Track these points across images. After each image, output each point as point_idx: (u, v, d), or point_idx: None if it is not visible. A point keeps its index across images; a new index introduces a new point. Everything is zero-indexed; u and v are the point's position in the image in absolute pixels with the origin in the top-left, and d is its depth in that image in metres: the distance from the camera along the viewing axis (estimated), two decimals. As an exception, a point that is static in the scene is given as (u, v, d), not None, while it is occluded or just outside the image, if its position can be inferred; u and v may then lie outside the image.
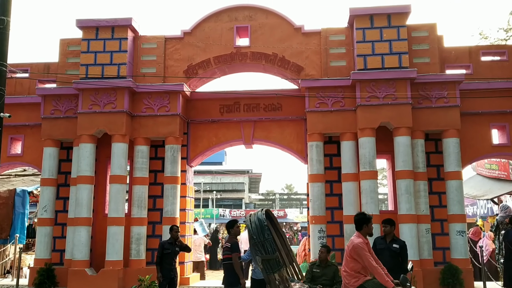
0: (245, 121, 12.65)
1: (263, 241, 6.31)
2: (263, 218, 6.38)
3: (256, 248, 6.31)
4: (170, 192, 11.84)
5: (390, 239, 7.38)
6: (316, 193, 11.46)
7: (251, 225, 6.42)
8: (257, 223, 6.43)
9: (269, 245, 6.29)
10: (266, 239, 6.32)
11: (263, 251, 6.27)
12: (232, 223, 7.85)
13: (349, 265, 5.88)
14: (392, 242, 7.33)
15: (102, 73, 11.97)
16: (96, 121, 11.75)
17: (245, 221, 7.19)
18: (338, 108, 11.64)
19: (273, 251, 6.28)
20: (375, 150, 11.18)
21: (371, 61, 11.41)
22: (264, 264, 6.23)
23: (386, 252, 7.24)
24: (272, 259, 6.24)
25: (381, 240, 7.54)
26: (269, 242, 6.32)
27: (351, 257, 5.87)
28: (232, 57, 12.35)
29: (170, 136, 11.98)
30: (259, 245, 6.27)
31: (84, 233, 11.41)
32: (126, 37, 12.11)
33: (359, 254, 5.78)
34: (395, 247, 7.25)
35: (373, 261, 5.78)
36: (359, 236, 5.98)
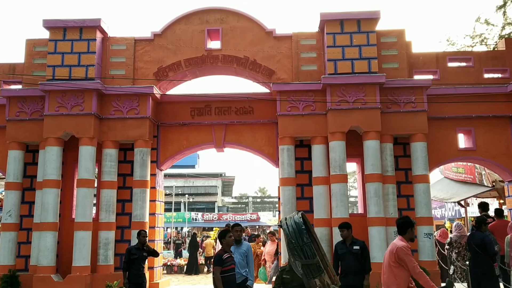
0: (217, 125, 12.60)
1: (302, 245, 6.09)
2: (300, 221, 6.20)
3: (295, 252, 6.11)
4: (139, 196, 11.69)
5: (349, 242, 7.49)
6: (287, 196, 11.49)
7: (288, 228, 6.23)
8: (294, 226, 6.23)
9: (309, 249, 6.08)
10: (305, 243, 6.11)
11: (303, 255, 6.06)
12: (224, 233, 7.17)
13: (394, 271, 5.43)
14: (352, 245, 7.44)
15: (69, 75, 11.74)
16: (63, 123, 11.51)
17: (280, 225, 6.98)
18: (309, 112, 11.72)
19: (313, 256, 6.07)
20: (345, 154, 11.30)
21: (341, 66, 11.54)
22: (304, 269, 6.02)
23: (348, 256, 7.35)
24: (312, 264, 6.03)
25: (341, 244, 7.59)
26: (308, 246, 6.11)
27: (395, 262, 5.45)
28: (203, 59, 12.29)
29: (140, 139, 11.83)
30: (298, 249, 6.07)
31: (50, 238, 11.14)
32: (94, 38, 11.92)
33: (403, 258, 5.40)
34: (356, 249, 7.38)
35: (418, 266, 5.43)
36: (402, 240, 5.62)
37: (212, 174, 50.05)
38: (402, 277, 5.41)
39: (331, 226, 11.19)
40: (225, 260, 6.79)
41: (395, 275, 5.44)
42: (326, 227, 11.20)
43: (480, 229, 8.62)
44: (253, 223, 38.94)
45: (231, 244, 7.13)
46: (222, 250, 6.92)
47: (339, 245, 7.63)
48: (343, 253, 7.42)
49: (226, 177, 52.92)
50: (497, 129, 12.13)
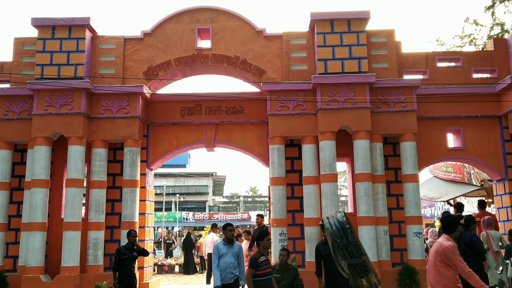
0: (207, 124, 12.57)
1: (347, 244, 5.94)
2: (344, 220, 6.04)
3: (341, 252, 5.95)
4: (129, 196, 11.62)
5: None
6: (278, 196, 11.50)
7: (331, 227, 6.09)
8: (338, 225, 6.07)
9: (354, 248, 5.92)
10: (350, 242, 5.95)
11: (348, 255, 5.90)
12: (262, 235, 6.94)
13: (441, 271, 5.21)
14: None
15: (58, 74, 11.64)
16: (51, 123, 11.41)
17: (322, 224, 6.82)
18: (299, 112, 11.73)
19: (359, 255, 5.90)
20: (335, 153, 11.32)
21: (331, 66, 11.56)
22: (351, 269, 5.88)
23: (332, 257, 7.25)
24: (359, 263, 5.87)
25: (323, 245, 7.43)
26: (354, 246, 5.94)
27: (441, 261, 5.24)
28: (193, 59, 12.25)
29: (129, 139, 11.76)
30: (343, 248, 5.91)
31: (38, 239, 11.05)
32: (83, 37, 11.82)
33: (450, 258, 5.18)
34: None
35: (466, 266, 5.16)
36: (449, 239, 5.38)
37: (203, 173, 49.87)
38: (449, 277, 5.23)
39: (319, 225, 11.19)
40: (261, 263, 6.68)
41: (441, 275, 5.26)
42: (316, 226, 11.19)
43: (468, 228, 8.69)
44: (244, 223, 38.85)
45: (268, 248, 7.00)
46: (258, 253, 6.82)
47: (321, 246, 7.48)
48: (327, 254, 7.21)
49: (217, 177, 52.76)
50: (486, 128, 12.24)
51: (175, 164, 43.15)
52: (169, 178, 45.47)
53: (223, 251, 7.36)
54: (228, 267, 7.23)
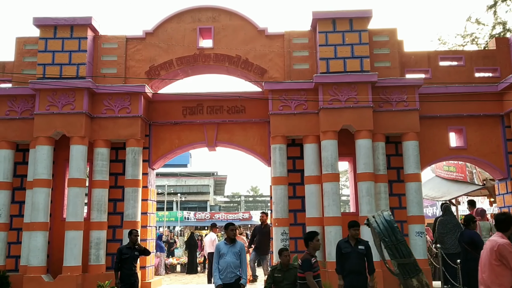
0: (208, 124, 12.56)
1: (396, 243, 5.77)
2: (392, 219, 5.86)
3: (390, 251, 5.78)
4: (131, 195, 11.62)
5: (354, 242, 7.37)
6: (279, 195, 11.49)
7: (379, 226, 5.94)
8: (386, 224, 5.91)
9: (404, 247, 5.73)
10: (400, 241, 5.78)
11: (397, 254, 5.72)
12: (311, 235, 6.76)
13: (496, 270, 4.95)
14: (357, 244, 7.30)
15: (60, 73, 11.64)
16: (53, 122, 11.40)
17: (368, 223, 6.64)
18: (301, 111, 11.72)
19: (409, 254, 5.72)
20: (337, 153, 11.31)
21: (333, 65, 11.54)
22: (401, 269, 5.70)
23: (353, 255, 7.19)
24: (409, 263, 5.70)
25: (345, 243, 7.43)
26: (403, 245, 5.77)
27: (497, 260, 4.97)
28: (195, 58, 12.24)
29: (131, 138, 11.76)
30: (393, 248, 5.74)
31: (40, 238, 11.05)
32: (85, 37, 11.82)
33: (505, 256, 4.93)
34: (361, 248, 7.22)
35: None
36: (503, 236, 5.15)
37: (204, 173, 49.90)
38: (506, 276, 4.96)
39: (323, 225, 11.20)
40: (314, 264, 6.55)
41: (497, 274, 5.00)
42: (318, 226, 11.20)
43: (468, 227, 8.71)
44: (245, 222, 38.86)
45: (317, 248, 6.75)
46: (309, 255, 6.60)
47: (343, 244, 7.44)
48: (347, 252, 7.26)
49: (218, 176, 52.78)
50: (488, 128, 12.22)
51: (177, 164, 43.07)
52: (170, 177, 45.47)
53: (224, 250, 7.36)
54: (229, 266, 7.23)
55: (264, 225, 12.87)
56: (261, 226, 12.93)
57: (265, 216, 12.94)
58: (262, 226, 12.90)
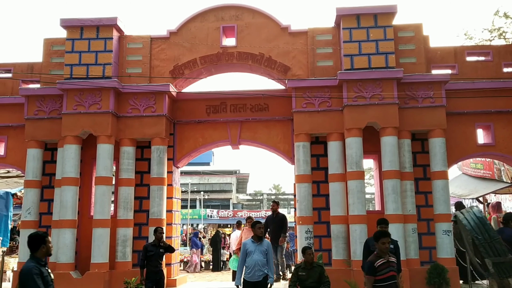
0: (232, 122, 12.59)
1: (490, 241, 5.57)
2: (482, 215, 5.68)
3: (483, 249, 5.55)
4: (157, 193, 11.74)
5: None
6: (303, 193, 11.44)
7: (469, 223, 5.75)
8: (477, 221, 5.73)
9: (499, 245, 5.50)
10: (494, 239, 5.57)
11: (492, 252, 5.50)
12: (380, 235, 5.95)
13: None
14: None
15: (87, 73, 11.82)
16: (81, 122, 11.59)
17: (456, 219, 6.53)
18: (325, 108, 11.63)
19: (504, 253, 5.48)
20: (362, 150, 11.19)
21: (358, 61, 11.42)
22: (495, 268, 5.48)
23: None
24: (506, 261, 5.48)
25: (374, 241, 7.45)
26: (498, 243, 5.55)
27: None
28: (218, 57, 12.28)
29: (156, 137, 11.87)
30: (486, 246, 5.53)
31: (69, 236, 11.25)
32: (111, 37, 11.97)
33: None
34: (391, 247, 7.21)
35: None
36: None
37: (227, 171, 50.04)
38: None
39: (347, 223, 11.12)
40: (379, 267, 5.79)
41: None
42: (343, 224, 11.14)
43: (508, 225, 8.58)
44: (268, 220, 38.84)
45: (385, 252, 5.90)
46: (375, 256, 5.91)
47: (371, 242, 7.30)
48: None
49: (240, 174, 52.87)
50: (517, 124, 11.91)
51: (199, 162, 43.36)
52: (193, 175, 45.80)
53: (251, 248, 7.35)
54: (257, 264, 7.22)
55: (275, 214, 12.43)
56: (273, 216, 12.44)
57: (276, 205, 12.56)
58: (273, 215, 12.43)
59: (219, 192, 47.91)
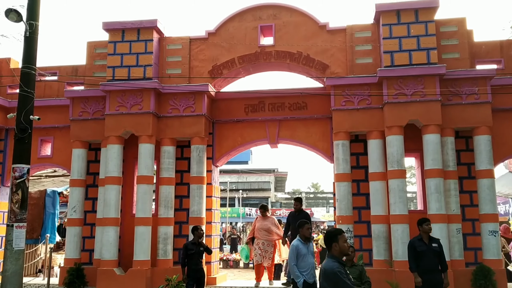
0: (270, 121, 12.57)
1: None
2: None
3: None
4: (196, 192, 11.86)
5: (428, 240, 7.24)
6: (343, 192, 11.29)
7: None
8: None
9: None
10: None
11: None
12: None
13: None
14: (431, 242, 7.24)
15: (128, 75, 12.07)
16: (123, 122, 11.85)
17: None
18: (364, 106, 11.44)
19: None
20: (403, 149, 10.94)
21: (398, 58, 11.16)
22: None
23: (429, 254, 7.13)
24: None
25: (419, 241, 7.37)
26: None
27: None
28: (256, 56, 12.28)
29: (196, 137, 11.99)
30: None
31: (112, 233, 11.53)
32: (151, 39, 12.17)
33: None
34: (435, 246, 7.17)
35: None
36: None
37: (265, 170, 50.16)
38: None
39: (388, 223, 10.89)
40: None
41: None
42: (384, 224, 10.91)
43: None
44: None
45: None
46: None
47: (417, 242, 7.39)
48: (422, 250, 7.23)
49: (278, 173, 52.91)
50: None
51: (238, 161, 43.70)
52: (232, 174, 46.14)
53: (304, 251, 7.18)
54: (312, 268, 7.15)
55: (298, 212, 11.02)
56: (295, 213, 11.09)
57: (299, 203, 11.29)
58: (296, 213, 11.08)
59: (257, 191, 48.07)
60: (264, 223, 11.53)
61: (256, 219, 11.98)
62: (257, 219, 11.93)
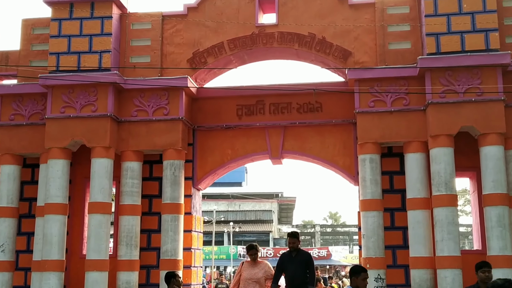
0: (272, 127, 12.60)
1: None
2: None
3: None
4: (170, 224, 11.80)
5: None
6: (371, 225, 11.28)
7: None
8: None
9: None
10: None
11: None
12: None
13: None
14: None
15: (78, 64, 12.06)
16: (70, 129, 11.82)
17: None
18: (400, 108, 11.49)
19: None
20: (453, 166, 10.96)
21: (446, 42, 11.22)
22: None
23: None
24: None
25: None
26: None
27: None
28: (253, 39, 12.33)
29: (170, 149, 11.98)
30: None
31: (54, 281, 11.43)
32: (110, 16, 12.19)
33: None
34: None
35: None
36: None
37: (265, 194, 50.19)
38: None
39: (434, 268, 10.87)
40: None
41: None
42: (428, 269, 10.90)
43: None
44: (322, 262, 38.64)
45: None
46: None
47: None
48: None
49: (284, 199, 52.94)
50: None
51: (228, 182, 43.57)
52: (220, 200, 46.10)
53: None
54: None
55: (295, 253, 10.25)
56: (291, 254, 10.29)
57: (296, 240, 10.31)
58: (292, 254, 10.25)
59: (254, 223, 48.00)
60: (253, 271, 10.59)
61: (241, 265, 10.88)
62: (243, 265, 10.75)
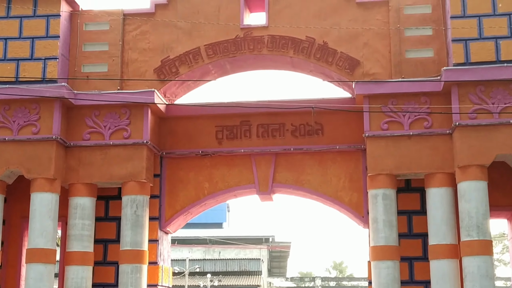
0: (260, 154, 12.62)
1: None
2: None
3: None
4: (130, 277, 11.69)
5: None
6: (385, 278, 11.25)
7: None
8: None
9: None
10: None
11: None
12: None
13: None
14: None
15: (16, 74, 12.03)
16: (4, 155, 11.73)
17: None
18: (421, 131, 11.54)
19: None
20: (487, 204, 10.99)
21: (476, 50, 11.33)
22: None
23: None
24: None
25: None
26: None
27: None
28: (237, 44, 12.38)
29: (131, 181, 11.92)
30: None
31: None
32: (58, 14, 12.18)
33: None
34: None
35: None
36: None
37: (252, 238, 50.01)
38: None
39: (464, 333, 10.84)
40: None
41: None
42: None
43: None
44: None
45: None
46: None
47: None
48: None
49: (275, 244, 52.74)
50: None
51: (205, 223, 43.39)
52: (195, 246, 45.89)
53: None
54: None
55: None
56: None
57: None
58: None
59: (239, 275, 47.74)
60: None
61: None
62: None
